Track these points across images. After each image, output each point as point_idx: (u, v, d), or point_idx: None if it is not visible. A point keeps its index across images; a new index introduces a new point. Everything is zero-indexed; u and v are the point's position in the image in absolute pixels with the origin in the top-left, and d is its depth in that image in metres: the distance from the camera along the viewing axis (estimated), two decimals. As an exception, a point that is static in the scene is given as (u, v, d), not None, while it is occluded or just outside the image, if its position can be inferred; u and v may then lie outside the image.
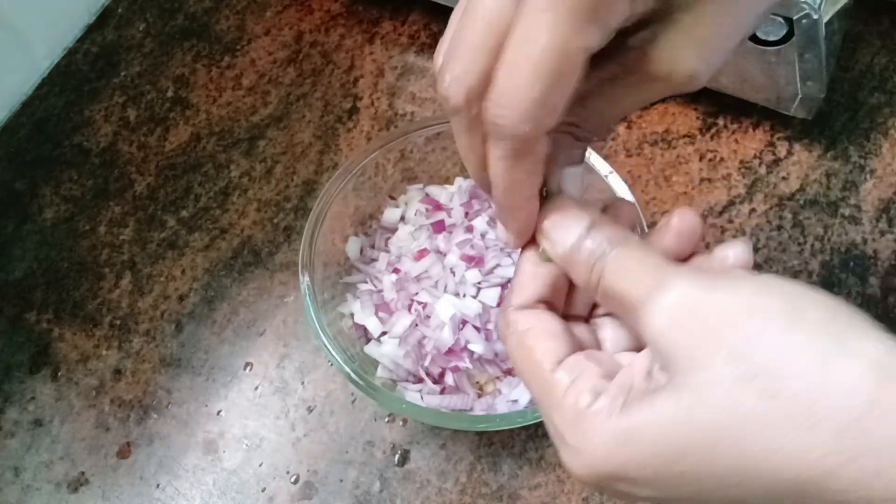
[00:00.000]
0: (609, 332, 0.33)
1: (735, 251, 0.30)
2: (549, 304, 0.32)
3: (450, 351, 0.48)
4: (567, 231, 0.31)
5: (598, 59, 0.28)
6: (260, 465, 0.52)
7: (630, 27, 0.29)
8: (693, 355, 0.26)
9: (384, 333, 0.50)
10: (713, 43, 0.29)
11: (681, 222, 0.31)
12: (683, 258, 0.32)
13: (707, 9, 0.28)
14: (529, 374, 0.30)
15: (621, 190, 0.48)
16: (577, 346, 0.31)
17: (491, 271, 0.50)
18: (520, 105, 0.27)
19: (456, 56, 0.28)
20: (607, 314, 0.33)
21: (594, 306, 0.34)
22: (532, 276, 0.32)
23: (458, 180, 0.54)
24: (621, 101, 0.31)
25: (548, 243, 0.31)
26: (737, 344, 0.25)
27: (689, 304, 0.27)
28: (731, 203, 0.57)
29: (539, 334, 0.31)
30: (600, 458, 0.27)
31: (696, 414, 0.25)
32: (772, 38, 0.49)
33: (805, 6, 0.47)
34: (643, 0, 0.28)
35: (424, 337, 0.49)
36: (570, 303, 0.33)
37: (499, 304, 0.49)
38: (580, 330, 0.33)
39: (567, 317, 0.33)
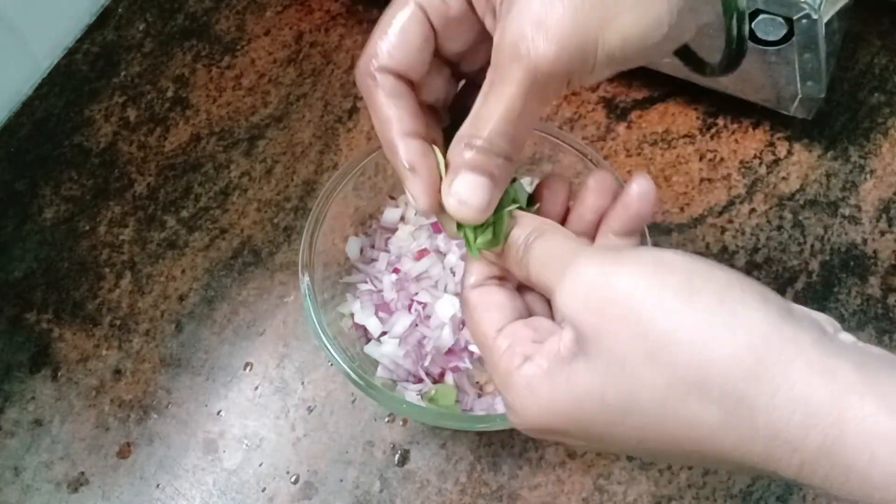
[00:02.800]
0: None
1: (638, 185, 0.35)
2: (501, 278, 0.35)
3: (450, 351, 0.48)
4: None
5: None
6: (260, 465, 0.52)
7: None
8: (599, 333, 0.29)
9: (384, 333, 0.50)
10: (554, 17, 0.31)
11: (597, 182, 0.36)
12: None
13: None
14: (479, 343, 0.34)
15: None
16: (522, 314, 0.34)
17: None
18: (370, 47, 0.35)
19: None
20: None
21: None
22: (477, 261, 0.35)
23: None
24: (496, 100, 0.32)
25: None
26: (636, 323, 0.28)
27: (594, 286, 0.30)
28: (731, 203, 0.57)
29: (486, 307, 0.34)
30: (531, 416, 0.31)
31: (606, 389, 0.29)
32: (772, 38, 0.49)
33: (805, 6, 0.47)
34: None
35: (424, 337, 0.49)
36: None
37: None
38: (531, 298, 0.36)
39: (522, 287, 0.36)
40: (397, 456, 0.51)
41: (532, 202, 0.38)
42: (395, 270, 0.51)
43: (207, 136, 0.63)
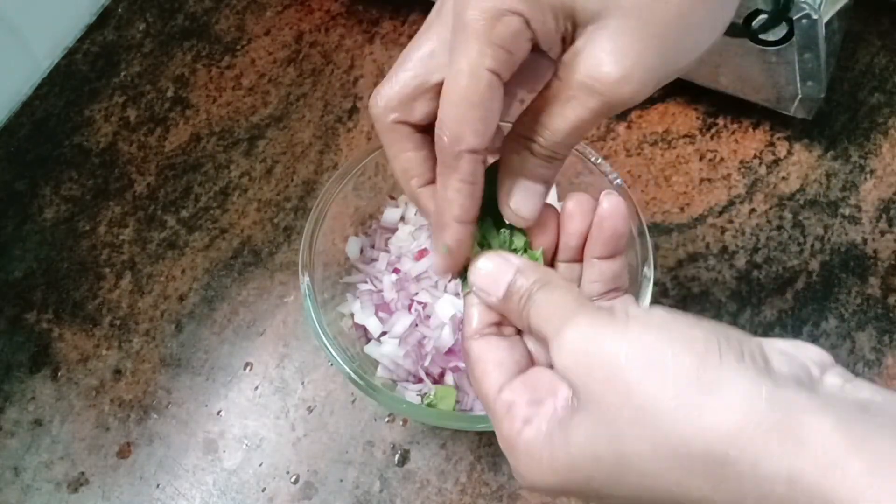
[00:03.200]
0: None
1: (607, 202, 0.35)
2: (500, 324, 0.35)
3: (450, 351, 0.48)
4: (496, 283, 0.34)
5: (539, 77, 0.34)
6: (260, 465, 0.52)
7: (565, 46, 0.33)
8: (589, 392, 0.30)
9: (384, 333, 0.50)
10: (633, 54, 0.31)
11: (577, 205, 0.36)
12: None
13: (620, 24, 0.31)
14: (482, 402, 0.34)
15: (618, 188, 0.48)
16: (522, 366, 0.34)
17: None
18: (448, 125, 0.32)
19: (385, 81, 0.35)
20: None
21: None
22: (476, 307, 0.35)
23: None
24: (566, 116, 0.33)
25: (483, 294, 0.35)
26: (621, 387, 0.29)
27: (584, 347, 0.30)
28: (731, 203, 0.57)
29: (485, 365, 0.34)
30: (535, 479, 0.31)
31: (598, 447, 0.29)
32: (772, 38, 0.49)
33: (805, 6, 0.47)
34: (544, 27, 0.32)
35: (424, 337, 0.49)
36: None
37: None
38: (532, 340, 0.35)
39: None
40: (397, 456, 0.51)
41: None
42: (395, 270, 0.51)
43: (207, 136, 0.63)
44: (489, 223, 0.37)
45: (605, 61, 0.31)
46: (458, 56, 0.32)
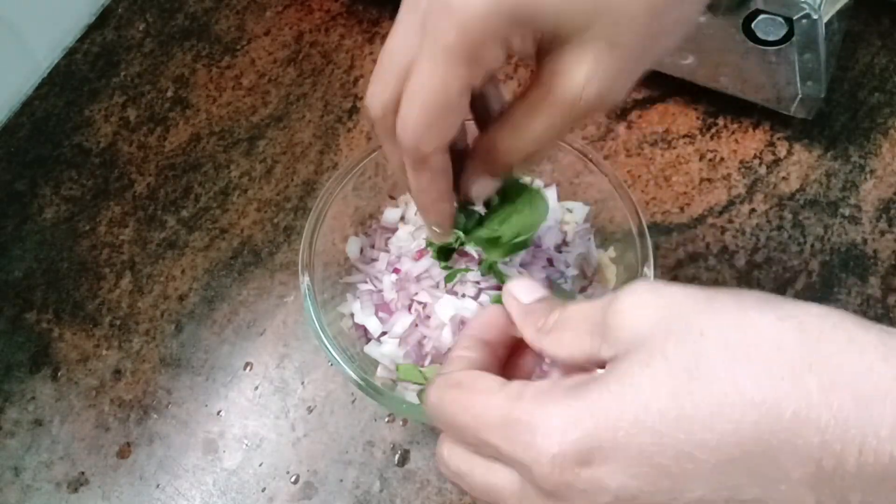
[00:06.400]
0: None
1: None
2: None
3: (450, 351, 0.48)
4: (530, 290, 0.34)
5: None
6: (260, 465, 0.52)
7: (542, 53, 0.32)
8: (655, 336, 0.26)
9: (384, 333, 0.50)
10: (610, 59, 0.31)
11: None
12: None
13: (600, 32, 0.31)
14: (474, 425, 0.29)
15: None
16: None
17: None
18: (413, 129, 0.33)
19: (375, 80, 0.35)
20: None
21: None
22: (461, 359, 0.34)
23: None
24: (537, 125, 0.34)
25: (514, 292, 0.34)
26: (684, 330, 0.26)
27: (650, 292, 0.28)
28: (731, 203, 0.57)
29: (473, 382, 0.31)
30: (565, 436, 0.26)
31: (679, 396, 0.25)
32: (772, 38, 0.49)
33: (805, 6, 0.47)
34: (521, 43, 0.32)
35: (424, 337, 0.49)
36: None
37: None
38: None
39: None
40: (397, 456, 0.51)
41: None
42: (395, 270, 0.51)
43: (207, 136, 0.63)
44: None
45: (582, 71, 0.31)
46: (430, 63, 0.32)
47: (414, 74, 0.32)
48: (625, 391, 0.25)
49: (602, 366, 0.28)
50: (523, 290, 0.34)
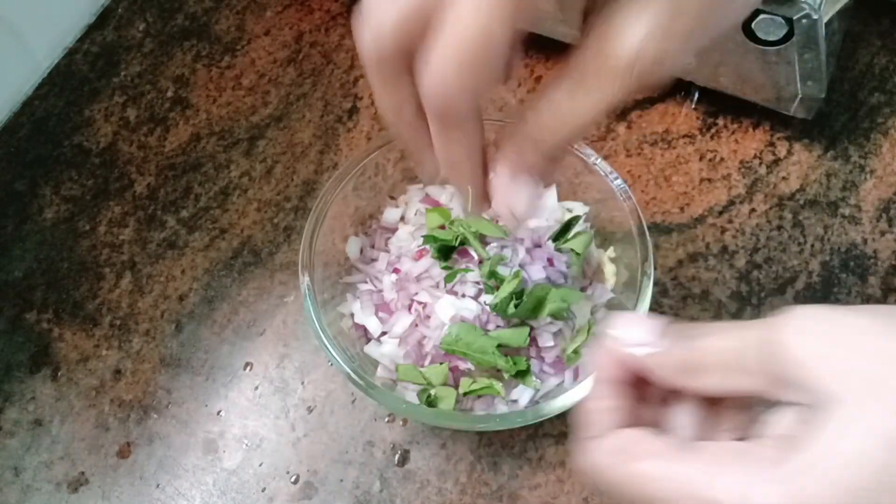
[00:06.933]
0: (685, 417, 0.30)
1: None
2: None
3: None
4: (645, 330, 0.30)
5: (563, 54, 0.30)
6: (260, 465, 0.52)
7: (592, 8, 0.29)
8: (840, 381, 0.24)
9: (384, 333, 0.50)
10: (671, 22, 0.28)
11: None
12: None
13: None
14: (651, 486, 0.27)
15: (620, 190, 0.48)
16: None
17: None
18: (448, 79, 0.28)
19: (378, 7, 0.29)
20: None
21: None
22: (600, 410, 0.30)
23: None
24: (585, 95, 0.30)
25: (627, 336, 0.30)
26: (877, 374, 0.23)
27: (821, 324, 0.25)
28: (731, 203, 0.57)
29: (636, 444, 0.28)
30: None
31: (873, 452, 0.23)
32: (772, 38, 0.49)
33: (805, 6, 0.47)
34: None
35: (424, 337, 0.49)
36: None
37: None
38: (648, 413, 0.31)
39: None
40: (397, 456, 0.51)
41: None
42: (395, 270, 0.51)
43: (207, 136, 0.63)
44: None
45: (640, 29, 0.28)
46: (468, 9, 0.27)
47: (450, 8, 0.27)
48: (831, 466, 0.23)
49: (767, 402, 0.26)
50: (633, 330, 0.30)
